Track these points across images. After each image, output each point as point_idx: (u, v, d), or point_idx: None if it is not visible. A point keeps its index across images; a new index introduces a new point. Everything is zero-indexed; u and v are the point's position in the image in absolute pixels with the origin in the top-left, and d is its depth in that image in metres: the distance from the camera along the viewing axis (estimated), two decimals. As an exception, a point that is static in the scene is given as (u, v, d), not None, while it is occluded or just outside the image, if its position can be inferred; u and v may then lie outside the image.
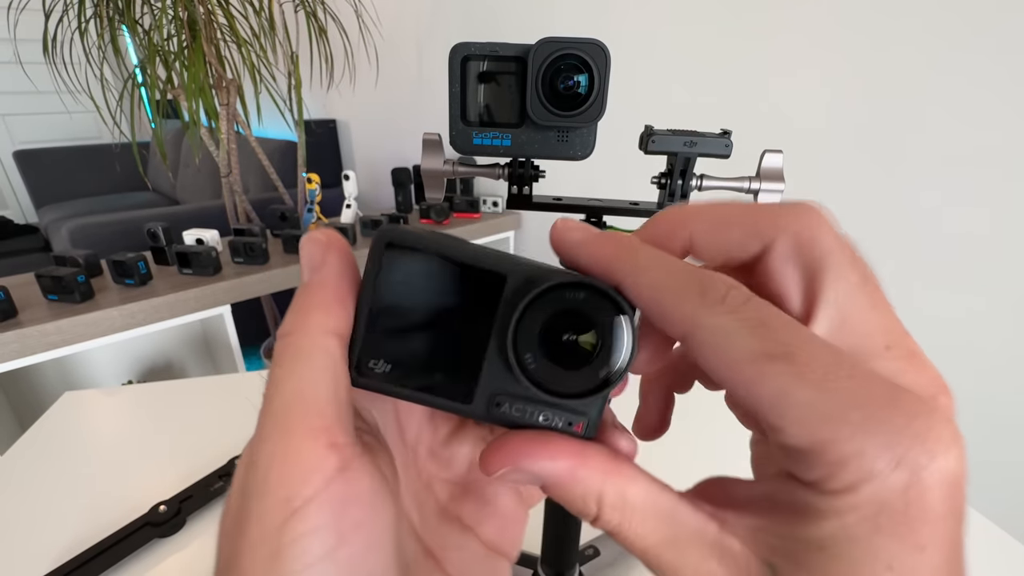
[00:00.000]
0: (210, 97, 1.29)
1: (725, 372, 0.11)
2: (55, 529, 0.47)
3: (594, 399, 0.13)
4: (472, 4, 1.57)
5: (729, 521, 0.12)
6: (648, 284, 0.12)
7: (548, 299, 0.12)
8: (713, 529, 0.12)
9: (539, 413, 0.13)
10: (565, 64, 0.19)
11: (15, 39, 1.29)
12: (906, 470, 0.10)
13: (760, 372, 0.11)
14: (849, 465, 0.10)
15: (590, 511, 0.13)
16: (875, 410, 0.10)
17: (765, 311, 0.11)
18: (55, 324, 0.92)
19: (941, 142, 0.77)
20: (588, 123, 0.20)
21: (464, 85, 0.20)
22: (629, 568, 0.44)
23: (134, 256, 1.05)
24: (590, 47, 0.19)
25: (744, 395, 0.11)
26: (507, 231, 1.65)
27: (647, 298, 0.12)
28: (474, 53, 0.20)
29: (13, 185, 3.18)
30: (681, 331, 0.12)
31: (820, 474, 0.10)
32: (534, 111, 0.20)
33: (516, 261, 0.13)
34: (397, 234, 0.13)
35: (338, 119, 2.40)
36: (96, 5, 1.21)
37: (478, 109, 0.21)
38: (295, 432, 0.12)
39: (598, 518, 0.13)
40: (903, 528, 0.10)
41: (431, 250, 0.13)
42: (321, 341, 0.13)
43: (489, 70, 0.20)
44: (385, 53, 1.81)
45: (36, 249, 2.52)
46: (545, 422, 0.13)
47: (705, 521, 0.12)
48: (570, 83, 0.19)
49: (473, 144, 0.21)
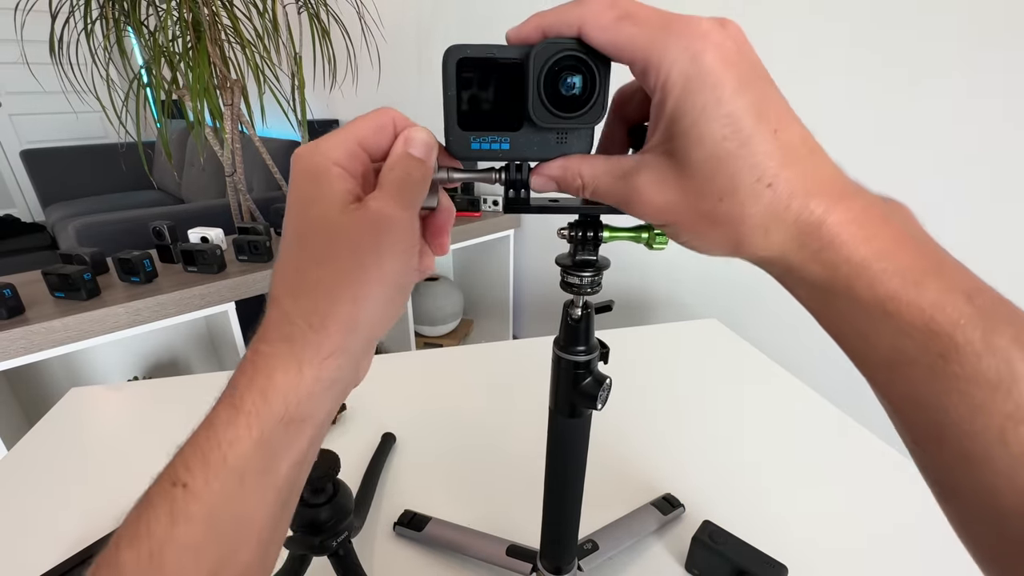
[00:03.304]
0: (214, 97, 1.30)
1: (603, 36, 0.18)
2: (63, 522, 0.48)
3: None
4: (472, 5, 1.58)
5: (645, 150, 0.20)
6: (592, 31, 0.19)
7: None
8: (638, 158, 0.20)
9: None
10: (566, 66, 0.19)
11: (22, 40, 1.30)
12: (688, 50, 0.17)
13: (616, 27, 0.18)
14: (663, 62, 0.17)
15: (578, 184, 0.21)
16: (668, 31, 0.17)
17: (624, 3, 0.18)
18: (62, 321, 0.93)
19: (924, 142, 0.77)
20: (590, 124, 0.20)
21: (460, 89, 0.20)
22: (626, 562, 0.45)
23: (140, 254, 1.06)
24: (591, 49, 0.18)
25: (616, 50, 0.18)
26: (507, 229, 1.65)
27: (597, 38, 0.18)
28: (470, 56, 0.19)
29: (20, 184, 3.20)
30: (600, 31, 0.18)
31: (652, 79, 0.17)
32: (536, 114, 0.20)
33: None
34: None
35: (341, 119, 2.40)
36: (102, 7, 1.22)
37: (475, 113, 0.20)
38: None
39: (584, 185, 0.21)
40: (700, 83, 0.17)
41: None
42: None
43: (486, 73, 0.20)
44: (387, 54, 1.82)
45: (43, 247, 2.54)
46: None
47: (633, 160, 0.20)
48: (572, 85, 0.19)
49: (472, 149, 0.21)
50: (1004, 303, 0.16)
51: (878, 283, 0.16)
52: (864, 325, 0.17)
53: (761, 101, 0.17)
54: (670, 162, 0.18)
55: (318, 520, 0.35)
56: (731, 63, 0.17)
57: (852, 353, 0.19)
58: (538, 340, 0.83)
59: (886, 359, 0.17)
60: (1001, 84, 0.70)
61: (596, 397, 0.28)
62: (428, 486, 0.53)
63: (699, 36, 0.17)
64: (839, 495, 0.52)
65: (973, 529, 0.17)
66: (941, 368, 0.16)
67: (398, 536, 0.46)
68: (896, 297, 0.16)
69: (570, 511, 0.36)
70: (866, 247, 0.17)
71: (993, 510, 0.15)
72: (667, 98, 0.17)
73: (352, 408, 0.63)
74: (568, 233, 0.26)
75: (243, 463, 0.17)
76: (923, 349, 0.16)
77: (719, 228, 0.18)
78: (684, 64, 0.17)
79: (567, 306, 0.28)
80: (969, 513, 0.17)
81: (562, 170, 0.21)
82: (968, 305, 0.16)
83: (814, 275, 0.18)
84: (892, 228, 0.17)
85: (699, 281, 1.21)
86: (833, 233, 0.17)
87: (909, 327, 0.16)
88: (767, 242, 0.18)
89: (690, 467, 0.55)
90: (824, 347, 0.93)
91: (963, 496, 0.17)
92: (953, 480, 0.17)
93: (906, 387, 0.17)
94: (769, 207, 0.17)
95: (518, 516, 0.48)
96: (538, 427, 0.33)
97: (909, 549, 0.46)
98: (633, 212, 0.20)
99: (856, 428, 0.62)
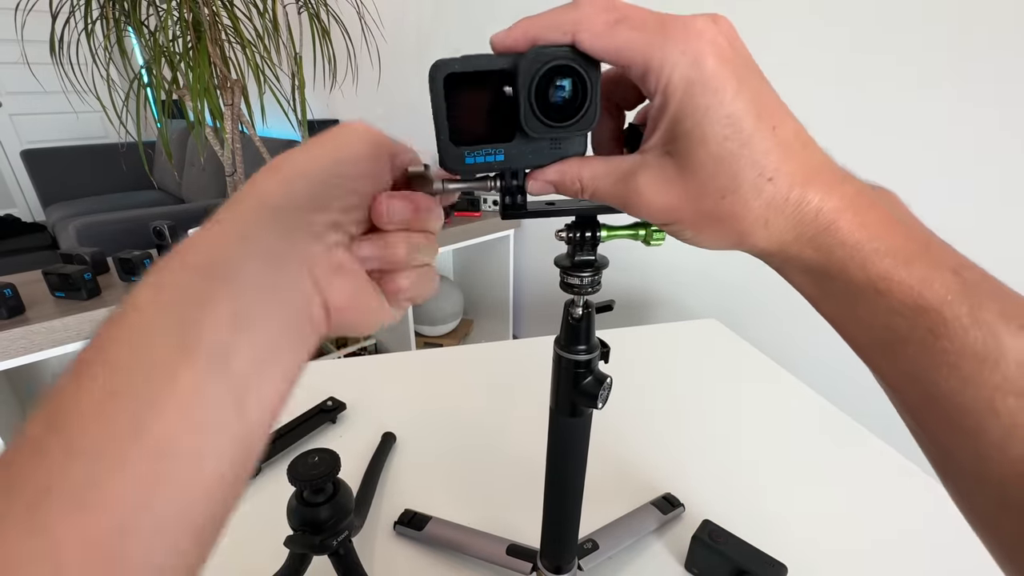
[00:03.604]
0: (215, 97, 1.30)
1: (599, 42, 0.18)
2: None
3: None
4: (472, 6, 1.58)
5: (644, 150, 0.20)
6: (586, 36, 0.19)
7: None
8: (638, 159, 0.20)
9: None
10: (557, 74, 0.19)
11: (22, 40, 1.30)
12: (687, 54, 0.17)
13: (613, 31, 0.18)
14: (664, 66, 0.17)
15: (576, 187, 0.21)
16: (665, 34, 0.17)
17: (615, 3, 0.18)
18: (62, 321, 0.93)
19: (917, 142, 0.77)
20: (583, 131, 0.20)
21: (449, 105, 0.19)
22: (626, 561, 0.45)
23: (140, 254, 1.06)
24: (580, 56, 0.18)
25: (613, 54, 0.18)
26: (507, 229, 1.66)
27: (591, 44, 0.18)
28: (457, 71, 0.19)
29: (21, 184, 3.20)
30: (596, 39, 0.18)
31: (652, 83, 0.18)
32: (528, 124, 0.19)
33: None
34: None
35: (341, 119, 2.40)
36: (102, 7, 1.22)
37: (467, 128, 0.20)
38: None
39: (583, 188, 0.21)
40: (702, 87, 0.17)
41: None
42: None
43: (475, 86, 0.19)
44: (387, 54, 1.82)
45: (43, 247, 2.54)
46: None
47: (632, 160, 0.20)
48: (564, 93, 0.19)
49: (466, 164, 0.20)
50: (989, 279, 0.17)
51: (870, 264, 0.17)
52: (858, 306, 0.18)
53: (758, 99, 0.18)
54: (671, 162, 0.19)
55: (318, 519, 0.35)
56: (728, 61, 0.17)
57: (848, 335, 0.19)
58: (538, 340, 0.83)
59: (880, 339, 0.18)
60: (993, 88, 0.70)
61: (597, 396, 0.28)
62: (428, 485, 0.53)
63: (695, 36, 0.17)
64: (838, 494, 0.53)
65: (972, 500, 0.18)
66: (931, 343, 0.16)
67: (398, 535, 0.46)
68: (887, 276, 0.17)
69: (570, 510, 0.36)
70: (859, 231, 0.17)
71: (989, 480, 0.16)
72: (668, 102, 0.18)
73: (352, 408, 0.63)
74: (566, 234, 0.26)
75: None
76: (914, 325, 0.17)
77: (722, 224, 0.19)
78: (684, 68, 0.17)
79: (568, 306, 0.28)
80: (967, 485, 0.18)
81: (560, 174, 0.21)
82: (955, 281, 0.16)
83: (811, 260, 0.18)
84: (881, 212, 0.18)
85: (698, 281, 1.21)
86: (829, 220, 0.18)
87: (900, 305, 0.17)
88: (767, 233, 0.18)
89: (690, 466, 0.56)
90: (823, 346, 0.93)
91: (960, 468, 0.17)
92: (951, 454, 0.17)
93: (900, 365, 0.18)
94: (770, 200, 0.18)
95: (518, 515, 0.49)
96: (538, 427, 0.33)
97: (908, 548, 0.46)
98: (634, 212, 0.21)
99: (855, 427, 0.62)
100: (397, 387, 0.69)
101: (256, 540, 0.43)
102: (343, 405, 0.62)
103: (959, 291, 0.16)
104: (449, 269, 2.06)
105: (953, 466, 0.18)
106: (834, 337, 0.20)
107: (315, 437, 0.59)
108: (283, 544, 0.36)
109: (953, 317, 0.16)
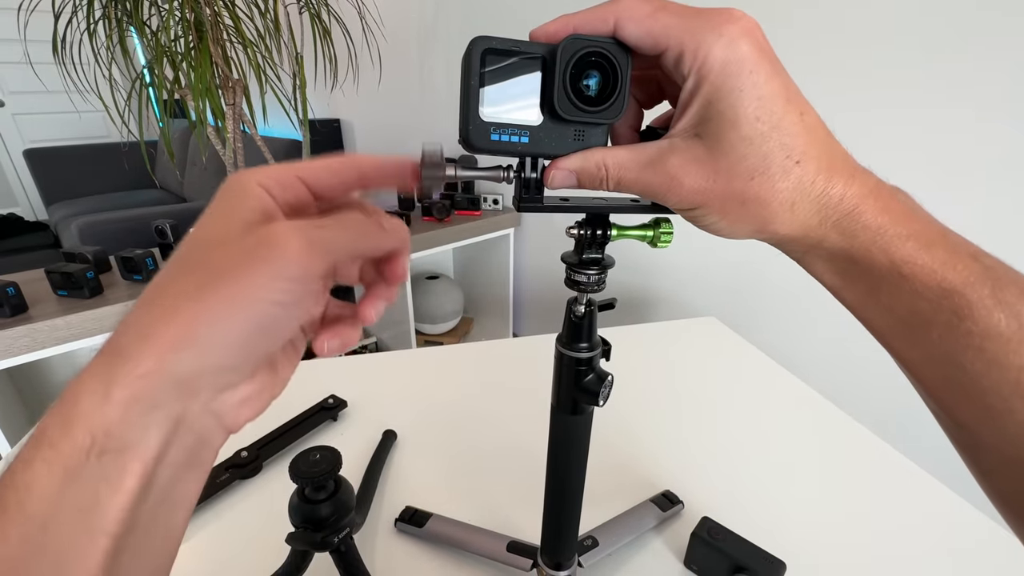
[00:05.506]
0: (216, 97, 1.30)
1: (640, 27, 0.19)
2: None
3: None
4: (473, 6, 1.58)
5: (671, 135, 0.20)
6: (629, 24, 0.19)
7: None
8: (665, 144, 0.20)
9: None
10: (591, 62, 0.20)
11: (25, 40, 1.30)
12: (724, 36, 0.18)
13: (653, 17, 0.18)
14: (700, 47, 0.18)
15: (602, 175, 0.21)
16: (702, 19, 0.18)
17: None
18: (64, 319, 0.93)
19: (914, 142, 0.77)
20: (612, 119, 0.21)
21: (483, 80, 0.20)
22: (626, 558, 0.45)
23: (142, 253, 1.07)
24: (613, 46, 0.19)
25: (652, 39, 0.18)
26: (507, 228, 1.66)
27: (629, 32, 0.19)
28: (495, 47, 0.19)
29: (23, 183, 3.21)
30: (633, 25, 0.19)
31: (688, 64, 0.18)
32: (561, 106, 0.20)
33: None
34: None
35: (342, 119, 2.41)
36: (104, 7, 1.22)
37: (497, 105, 0.20)
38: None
39: (607, 177, 0.21)
40: (738, 66, 0.18)
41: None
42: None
43: (509, 66, 0.20)
44: (388, 54, 1.82)
45: (46, 246, 2.55)
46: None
47: (658, 146, 0.20)
48: (594, 80, 0.20)
49: (491, 140, 0.20)
50: (1004, 265, 0.17)
51: (893, 248, 0.18)
52: (881, 291, 0.18)
53: (787, 86, 0.18)
54: (701, 144, 0.19)
55: (320, 516, 0.35)
56: (763, 49, 0.18)
57: (870, 323, 0.20)
58: (538, 338, 0.83)
59: (904, 324, 0.18)
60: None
61: (598, 394, 0.28)
62: (429, 483, 0.53)
63: (733, 21, 0.18)
64: (838, 492, 0.53)
65: (997, 480, 0.18)
66: (956, 325, 0.17)
67: (399, 532, 0.47)
68: (910, 260, 0.18)
69: (571, 507, 0.36)
70: (882, 215, 0.18)
71: (1015, 459, 0.17)
72: (703, 81, 0.18)
73: (353, 405, 0.63)
74: (577, 232, 0.27)
75: (46, 508, 0.14)
76: (938, 308, 0.17)
77: (748, 207, 0.19)
78: (721, 49, 0.18)
79: (571, 303, 0.28)
80: (991, 465, 0.18)
81: (583, 160, 0.21)
82: (976, 264, 0.17)
83: (834, 245, 0.19)
84: (900, 203, 0.19)
85: (699, 280, 1.21)
86: (853, 204, 0.18)
87: (924, 287, 0.17)
88: (792, 216, 0.19)
89: (689, 464, 0.56)
90: (822, 345, 0.93)
91: (986, 449, 0.18)
92: (975, 434, 0.18)
93: (925, 349, 0.18)
94: (797, 183, 0.18)
95: (519, 512, 0.49)
96: (538, 424, 0.34)
97: (907, 545, 0.46)
98: (661, 198, 0.21)
99: (854, 426, 0.62)
100: (398, 385, 0.70)
101: (258, 537, 0.43)
102: (344, 403, 0.63)
103: (980, 273, 0.17)
104: (449, 268, 2.06)
105: (977, 447, 0.18)
106: (833, 336, 0.20)
107: (316, 435, 0.59)
108: (284, 541, 0.36)
109: (977, 299, 0.16)
